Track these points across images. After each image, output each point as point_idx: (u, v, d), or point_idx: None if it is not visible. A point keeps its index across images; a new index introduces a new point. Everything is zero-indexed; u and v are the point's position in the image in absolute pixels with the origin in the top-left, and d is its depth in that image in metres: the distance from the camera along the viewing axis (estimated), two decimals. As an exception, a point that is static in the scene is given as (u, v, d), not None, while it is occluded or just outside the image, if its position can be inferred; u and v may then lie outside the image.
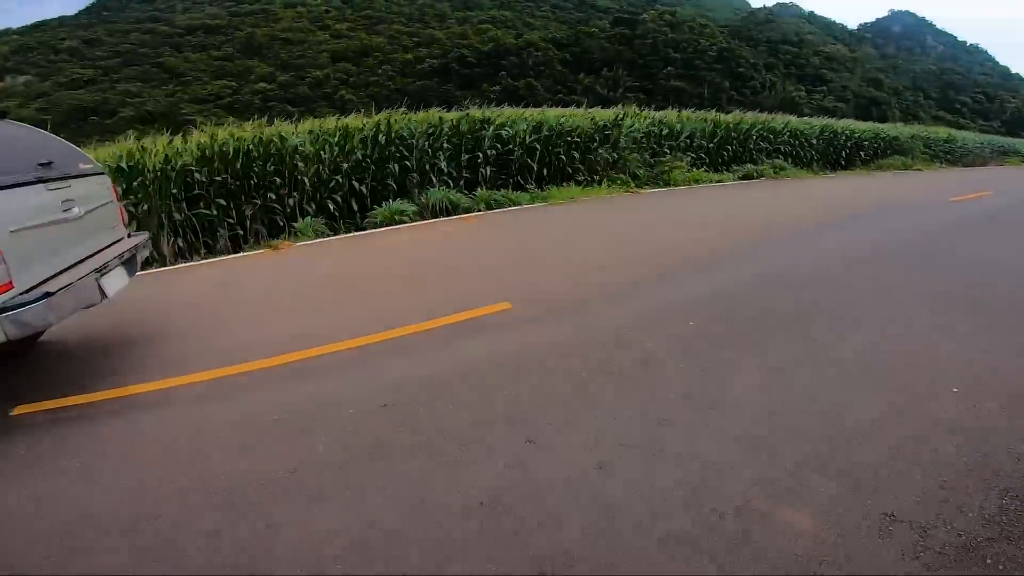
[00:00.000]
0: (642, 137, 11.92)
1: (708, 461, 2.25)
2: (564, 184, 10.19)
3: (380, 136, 8.96)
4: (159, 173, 7.68)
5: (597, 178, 10.34)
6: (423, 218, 8.00)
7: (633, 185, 10.16)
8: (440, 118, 9.73)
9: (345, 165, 8.57)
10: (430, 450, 2.44)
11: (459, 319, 3.99)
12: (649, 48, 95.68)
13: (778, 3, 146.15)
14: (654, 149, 11.98)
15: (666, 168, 11.02)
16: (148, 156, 7.91)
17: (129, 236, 4.30)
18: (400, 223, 7.74)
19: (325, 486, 2.26)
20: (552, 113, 12.04)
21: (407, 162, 9.04)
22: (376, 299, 4.64)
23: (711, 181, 11.04)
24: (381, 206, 8.26)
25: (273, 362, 3.51)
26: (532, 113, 11.64)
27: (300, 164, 8.29)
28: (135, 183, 7.62)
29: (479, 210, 8.20)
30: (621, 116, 12.39)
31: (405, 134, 9.09)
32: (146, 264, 7.37)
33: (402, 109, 10.61)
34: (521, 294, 4.43)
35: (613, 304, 4.20)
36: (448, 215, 8.10)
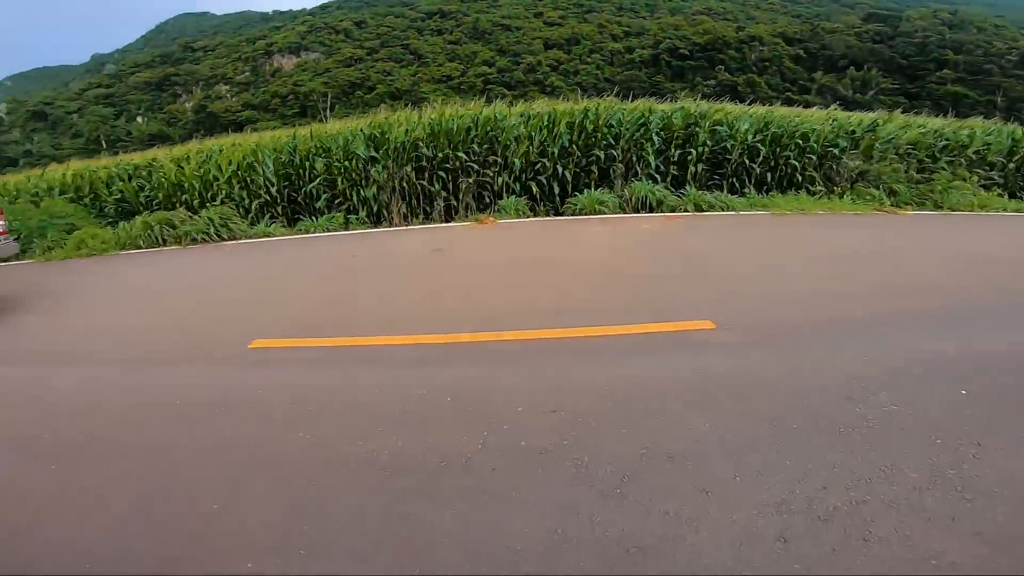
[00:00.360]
0: (908, 148, 9.54)
1: (936, 558, 1.74)
2: (791, 193, 8.69)
3: (587, 123, 8.69)
4: (399, 145, 8.65)
5: (838, 190, 8.58)
6: (623, 212, 7.55)
7: (888, 203, 8.17)
8: (651, 108, 9.07)
9: (552, 149, 8.55)
10: (589, 474, 2.15)
11: (653, 330, 3.55)
12: (916, 48, 78.21)
13: None
14: (923, 163, 9.49)
15: (940, 187, 8.63)
16: (392, 129, 8.98)
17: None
18: (600, 213, 7.41)
19: (470, 487, 2.13)
20: (781, 112, 10.38)
21: (612, 151, 8.65)
22: (569, 291, 4.41)
23: (1005, 208, 8.30)
24: (582, 193, 8.06)
25: (462, 338, 3.53)
26: (757, 111, 10.18)
27: (512, 144, 8.52)
28: (380, 152, 8.73)
29: (686, 210, 7.42)
30: (880, 120, 10.14)
31: (613, 122, 8.67)
32: (378, 222, 8.45)
33: (610, 97, 10.20)
34: (728, 314, 3.77)
35: (847, 345, 3.28)
36: (651, 212, 7.51)
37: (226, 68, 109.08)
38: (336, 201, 9.20)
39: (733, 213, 7.29)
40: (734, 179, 9.17)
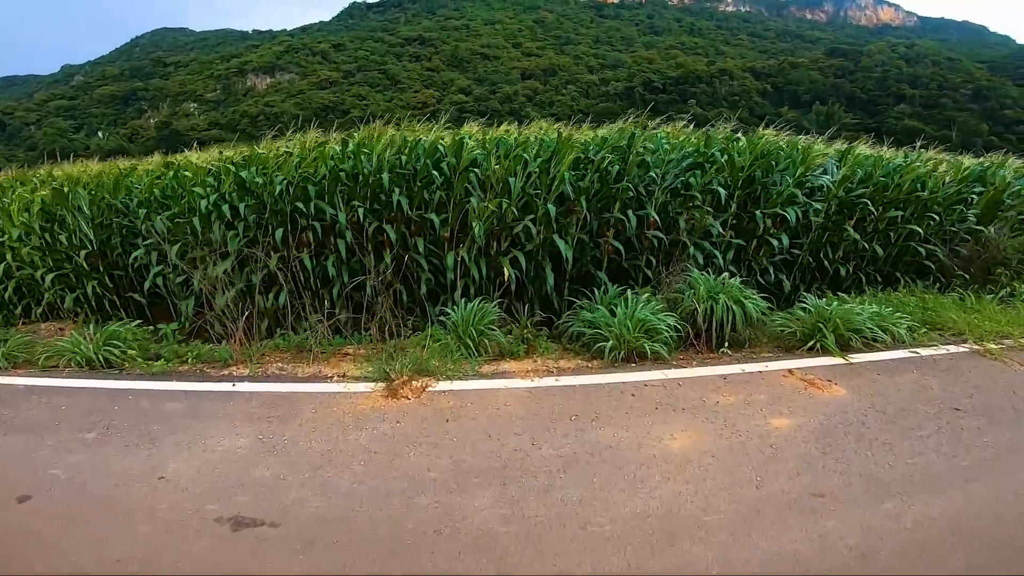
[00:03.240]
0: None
1: None
2: (916, 282, 5.31)
3: (609, 161, 5.03)
4: (281, 189, 4.89)
5: (970, 281, 5.16)
6: (695, 349, 3.77)
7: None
8: (708, 138, 5.49)
9: (541, 205, 4.87)
10: None
11: None
12: (876, 83, 79.55)
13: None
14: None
15: None
16: (271, 165, 5.25)
17: None
18: (648, 354, 3.61)
19: None
20: (869, 152, 7.03)
21: (646, 209, 5.04)
22: None
23: None
24: (596, 291, 4.40)
25: None
26: (839, 149, 6.82)
27: (474, 197, 4.83)
28: (248, 205, 4.95)
29: (821, 349, 3.70)
30: (995, 163, 6.94)
31: (649, 160, 5.07)
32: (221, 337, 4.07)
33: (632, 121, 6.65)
34: None
35: None
36: (730, 342, 3.77)
37: (196, 85, 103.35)
38: (180, 281, 5.37)
39: (910, 353, 3.63)
40: (818, 256, 5.71)
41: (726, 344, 3.68)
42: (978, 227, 5.89)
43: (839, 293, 5.16)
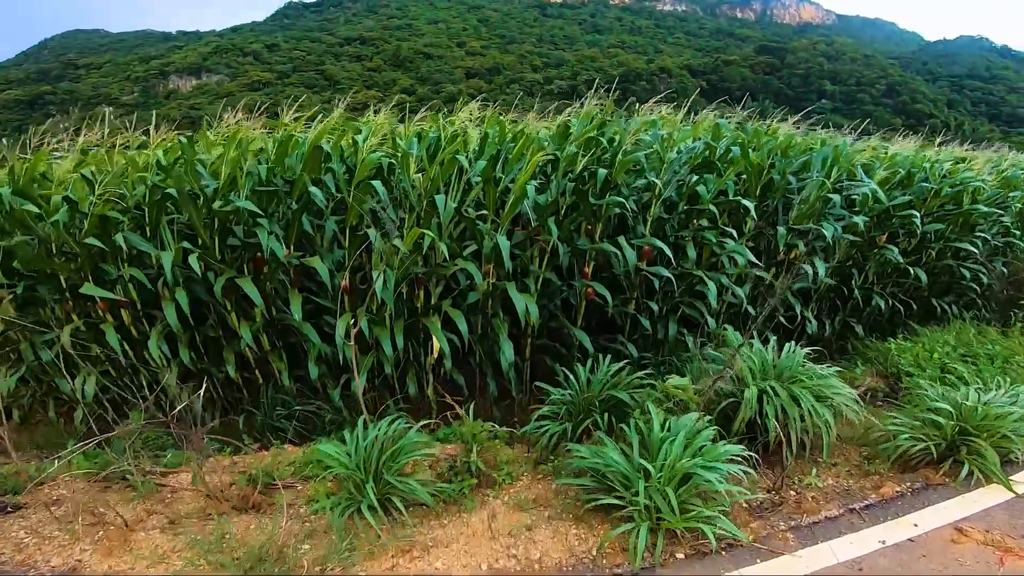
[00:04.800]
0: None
1: None
2: (943, 311, 4.08)
3: (587, 163, 3.38)
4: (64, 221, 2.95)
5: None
6: (763, 481, 2.08)
7: None
8: (717, 126, 3.99)
9: (488, 232, 3.17)
10: None
11: None
12: (800, 79, 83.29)
13: (961, 35, 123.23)
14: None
15: None
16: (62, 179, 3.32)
17: None
18: (710, 536, 1.86)
19: None
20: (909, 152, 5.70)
21: (636, 231, 3.45)
22: None
23: None
24: (581, 367, 2.76)
25: None
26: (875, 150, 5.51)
27: (386, 220, 3.07)
28: (18, 242, 3.00)
29: (983, 475, 2.07)
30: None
31: (641, 157, 3.44)
32: None
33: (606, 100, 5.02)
34: None
35: None
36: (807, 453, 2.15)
37: (112, 88, 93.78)
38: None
39: None
40: (852, 281, 4.37)
41: (814, 473, 2.14)
42: (1017, 239, 4.77)
43: (891, 338, 3.85)
